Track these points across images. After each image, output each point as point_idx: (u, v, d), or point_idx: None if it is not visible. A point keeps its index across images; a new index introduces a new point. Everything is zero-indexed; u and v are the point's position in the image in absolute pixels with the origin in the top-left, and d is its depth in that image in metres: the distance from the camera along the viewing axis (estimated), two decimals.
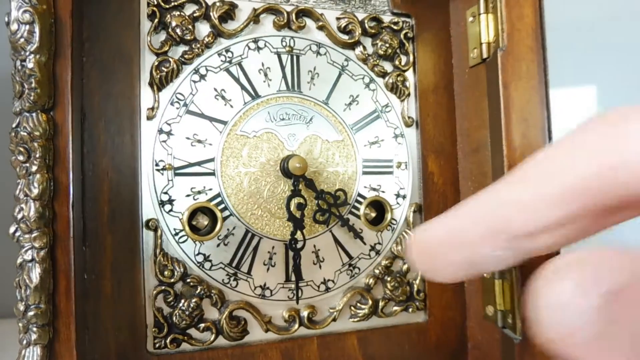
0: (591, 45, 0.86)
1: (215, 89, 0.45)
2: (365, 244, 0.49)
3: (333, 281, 0.48)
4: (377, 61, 0.51)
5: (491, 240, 0.16)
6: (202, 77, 0.45)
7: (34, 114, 0.35)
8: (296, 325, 0.46)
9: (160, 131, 0.43)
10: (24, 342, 0.35)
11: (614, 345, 0.12)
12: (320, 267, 0.48)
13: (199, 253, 0.44)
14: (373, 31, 0.51)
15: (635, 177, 0.14)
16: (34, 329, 0.35)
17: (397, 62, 0.52)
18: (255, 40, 0.47)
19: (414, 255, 0.19)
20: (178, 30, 0.44)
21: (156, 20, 0.43)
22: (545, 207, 0.15)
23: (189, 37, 0.44)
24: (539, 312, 0.13)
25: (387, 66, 0.52)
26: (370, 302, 0.49)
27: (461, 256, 0.17)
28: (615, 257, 0.13)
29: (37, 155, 0.35)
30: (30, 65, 0.35)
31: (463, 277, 0.17)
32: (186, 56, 0.44)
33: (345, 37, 0.50)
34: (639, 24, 0.89)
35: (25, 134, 0.35)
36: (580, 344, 0.12)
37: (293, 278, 0.46)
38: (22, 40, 0.35)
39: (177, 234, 0.43)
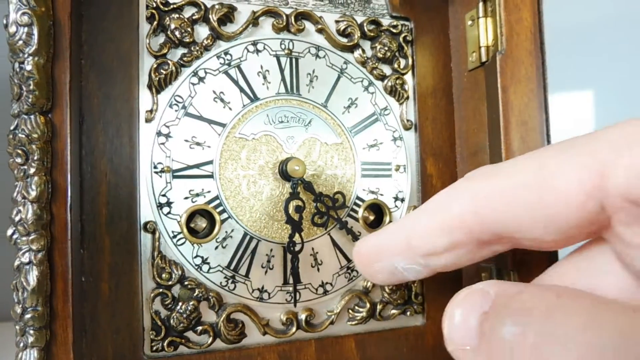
0: (590, 49, 0.86)
1: (214, 92, 0.45)
2: None
3: (331, 284, 0.48)
4: (376, 64, 0.51)
5: (403, 256, 0.20)
6: (201, 79, 0.45)
7: (32, 116, 0.35)
8: (294, 328, 0.46)
9: (159, 133, 0.43)
10: (21, 344, 0.35)
11: (494, 356, 0.14)
12: (318, 270, 0.47)
13: (197, 256, 0.44)
14: (372, 34, 0.51)
15: (481, 224, 0.18)
16: (31, 332, 0.35)
17: (396, 65, 0.52)
18: (254, 43, 0.47)
19: (355, 262, 0.23)
20: (177, 33, 0.44)
21: (155, 22, 0.43)
22: (434, 235, 0.19)
23: (188, 40, 0.44)
24: (443, 328, 0.16)
25: (386, 69, 0.52)
26: (368, 305, 0.48)
27: (384, 266, 0.20)
28: (501, 286, 0.16)
29: (35, 158, 0.35)
30: (28, 67, 0.35)
31: (391, 282, 0.21)
32: (185, 59, 0.44)
33: (344, 40, 0.50)
34: (637, 28, 0.89)
35: (23, 136, 0.35)
36: (468, 357, 0.15)
37: (291, 281, 0.46)
38: (20, 42, 0.35)
39: (175, 236, 0.43)
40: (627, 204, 0.16)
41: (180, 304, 0.43)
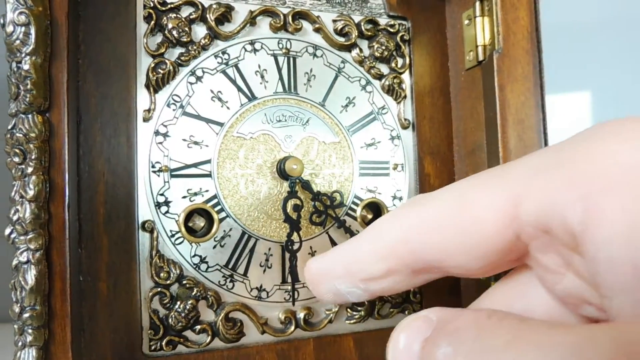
0: (586, 48, 0.87)
1: (212, 91, 0.45)
2: None
3: None
4: (374, 63, 0.51)
5: (344, 280, 0.21)
6: (199, 78, 0.45)
7: (29, 116, 0.35)
8: (292, 327, 0.46)
9: (157, 133, 0.43)
10: (19, 344, 0.35)
11: None
12: None
13: (195, 255, 0.44)
14: (369, 33, 0.51)
15: (411, 253, 0.19)
16: (29, 331, 0.35)
17: (393, 65, 0.52)
18: (252, 42, 0.47)
19: (306, 281, 0.25)
20: (174, 32, 0.44)
21: (152, 22, 0.43)
22: (371, 262, 0.20)
23: (185, 39, 0.44)
24: (387, 354, 0.17)
25: (384, 68, 0.52)
26: (366, 303, 0.49)
27: (328, 288, 0.21)
28: (443, 312, 0.17)
29: (33, 157, 0.35)
30: (26, 67, 0.35)
31: (337, 302, 0.23)
32: (182, 58, 0.44)
33: (341, 40, 0.50)
34: (634, 27, 0.90)
35: (21, 135, 0.35)
36: None
37: (289, 280, 0.46)
38: (17, 42, 0.35)
39: (173, 235, 0.43)
40: (539, 233, 0.16)
41: (178, 303, 0.43)
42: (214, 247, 0.44)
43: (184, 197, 0.44)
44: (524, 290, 0.20)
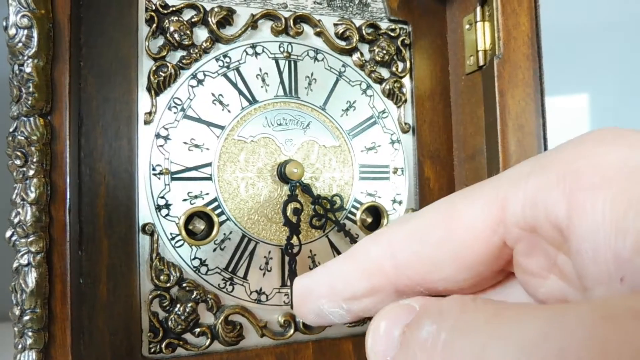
0: (586, 53, 0.87)
1: (213, 94, 0.45)
2: None
3: None
4: (374, 67, 0.51)
5: (327, 299, 0.21)
6: (200, 82, 0.45)
7: (31, 119, 0.36)
8: (292, 331, 0.46)
9: (158, 136, 0.43)
10: (19, 346, 0.35)
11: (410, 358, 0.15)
12: None
13: (195, 257, 0.44)
14: (370, 38, 0.51)
15: (396, 268, 0.19)
16: (30, 334, 0.35)
17: (394, 69, 0.52)
18: (253, 46, 0.47)
19: (292, 301, 0.22)
20: (176, 36, 0.44)
21: (154, 25, 0.44)
22: (355, 279, 0.20)
23: (187, 42, 0.44)
24: (367, 341, 0.17)
25: (384, 72, 0.52)
26: None
27: (312, 308, 0.21)
28: (427, 300, 0.17)
29: (34, 160, 0.35)
30: (28, 69, 0.35)
31: (320, 324, 0.22)
32: (184, 61, 0.45)
33: (342, 43, 0.50)
34: (634, 33, 0.90)
35: (22, 138, 0.35)
36: None
37: (289, 283, 0.46)
38: (20, 44, 0.35)
39: (173, 238, 0.43)
40: (524, 233, 0.17)
41: (178, 305, 0.43)
42: (214, 250, 0.44)
43: (185, 200, 0.44)
44: (508, 299, 0.20)
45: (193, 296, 0.43)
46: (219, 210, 0.45)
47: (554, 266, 0.17)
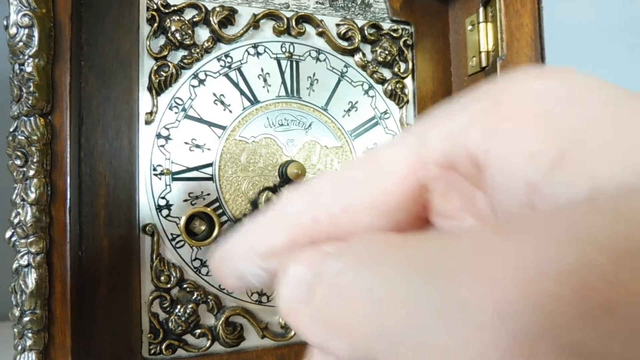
0: (590, 55, 0.87)
1: (215, 94, 0.45)
2: None
3: None
4: (376, 68, 0.51)
5: (244, 257, 0.20)
6: (201, 82, 0.45)
7: (32, 118, 0.35)
8: (293, 332, 0.46)
9: (159, 136, 0.43)
10: (19, 347, 0.35)
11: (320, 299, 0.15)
12: None
13: (195, 258, 0.44)
14: (372, 38, 0.51)
15: (314, 219, 0.18)
16: (29, 335, 0.35)
17: (396, 69, 0.52)
18: (255, 46, 0.47)
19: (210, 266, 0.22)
20: (177, 35, 0.44)
21: (155, 24, 0.43)
22: (271, 230, 0.19)
23: (188, 42, 0.44)
24: (277, 286, 0.17)
25: (386, 73, 0.52)
26: None
27: (230, 269, 0.20)
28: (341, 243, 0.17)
29: (35, 160, 0.35)
30: (28, 69, 0.35)
31: (240, 288, 0.21)
32: (185, 61, 0.44)
33: (344, 44, 0.50)
34: (637, 34, 0.90)
35: (23, 138, 0.35)
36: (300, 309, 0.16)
37: None
38: (20, 44, 0.35)
39: (174, 239, 0.43)
40: (442, 170, 0.17)
41: (178, 306, 0.42)
42: None
43: (186, 200, 0.44)
44: None
45: (194, 297, 0.43)
46: (220, 211, 0.44)
47: (471, 206, 0.17)
